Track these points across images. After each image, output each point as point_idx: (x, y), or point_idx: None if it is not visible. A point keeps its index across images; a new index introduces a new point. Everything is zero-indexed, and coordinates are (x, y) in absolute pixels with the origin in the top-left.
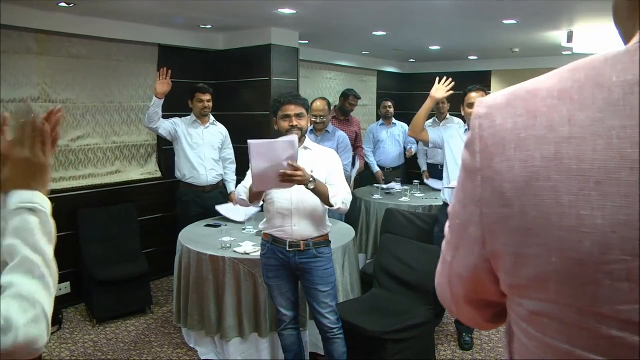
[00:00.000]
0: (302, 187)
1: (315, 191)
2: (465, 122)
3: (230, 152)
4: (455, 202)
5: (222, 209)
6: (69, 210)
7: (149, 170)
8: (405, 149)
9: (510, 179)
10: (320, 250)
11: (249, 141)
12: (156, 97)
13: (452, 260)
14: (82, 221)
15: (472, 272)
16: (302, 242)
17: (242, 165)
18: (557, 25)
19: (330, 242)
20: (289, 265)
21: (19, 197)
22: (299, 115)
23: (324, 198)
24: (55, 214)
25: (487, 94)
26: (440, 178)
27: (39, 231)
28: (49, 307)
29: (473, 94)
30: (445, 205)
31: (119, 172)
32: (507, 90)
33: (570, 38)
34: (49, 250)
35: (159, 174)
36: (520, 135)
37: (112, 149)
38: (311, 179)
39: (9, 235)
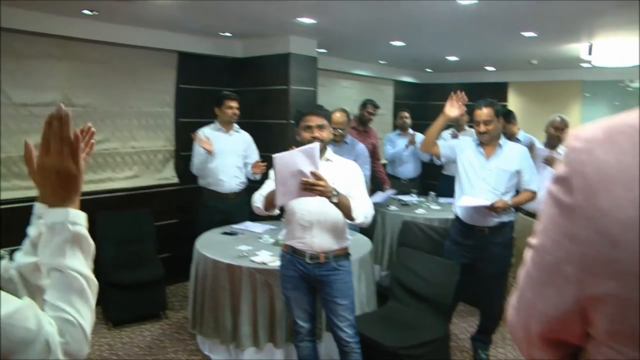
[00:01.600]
0: (324, 199)
1: (338, 205)
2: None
3: (255, 157)
4: (544, 237)
5: (240, 226)
6: (86, 213)
7: (166, 175)
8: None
9: (619, 219)
10: (340, 263)
11: (273, 156)
12: (209, 153)
13: (536, 297)
14: (99, 224)
15: (560, 312)
16: (322, 254)
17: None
18: (576, 38)
19: (350, 254)
20: (308, 277)
21: (54, 216)
22: (320, 127)
23: (346, 211)
24: None
25: (495, 108)
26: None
27: (75, 248)
28: (89, 322)
29: (484, 110)
30: (457, 218)
31: (137, 176)
32: (601, 123)
33: (590, 51)
34: (87, 264)
35: (175, 180)
36: (629, 172)
37: (130, 153)
38: (334, 192)
39: (48, 254)
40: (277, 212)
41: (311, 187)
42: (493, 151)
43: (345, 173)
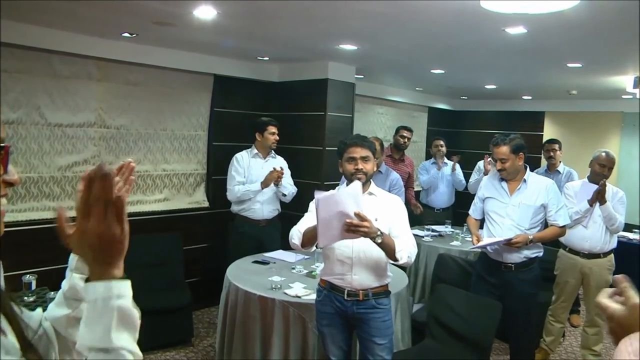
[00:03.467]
0: None
1: (381, 245)
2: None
3: (289, 182)
4: None
5: (272, 254)
6: None
7: (197, 199)
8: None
9: None
10: (380, 301)
11: (316, 196)
12: (262, 186)
13: None
14: (128, 247)
15: None
16: (361, 291)
17: (293, 201)
18: (622, 70)
19: (390, 292)
20: (345, 314)
21: (97, 292)
22: (364, 159)
23: (390, 252)
24: None
25: (512, 145)
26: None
27: (121, 326)
28: None
29: (501, 148)
30: (484, 253)
31: (167, 200)
32: None
33: (637, 84)
34: (134, 338)
35: (206, 204)
36: None
37: (162, 176)
38: (378, 233)
39: (91, 336)
40: (313, 249)
41: (355, 228)
42: (517, 186)
43: (388, 208)
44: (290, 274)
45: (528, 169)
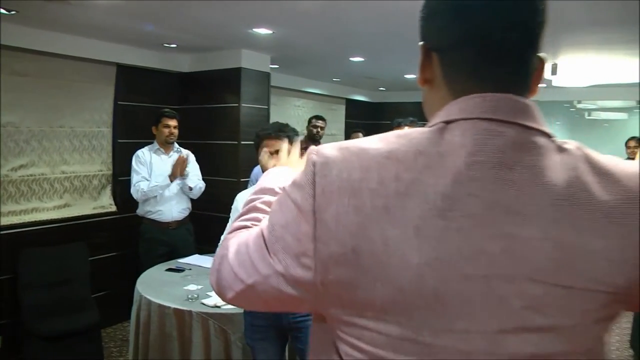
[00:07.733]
0: None
1: None
2: None
3: (196, 174)
4: (282, 230)
5: (188, 260)
6: (8, 250)
7: (103, 203)
8: None
9: (344, 223)
10: None
11: None
12: (170, 179)
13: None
14: (23, 263)
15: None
16: None
17: (207, 200)
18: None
19: None
20: (280, 326)
21: None
22: None
23: None
24: None
25: (417, 127)
26: None
27: None
28: None
29: (405, 130)
30: None
31: (68, 206)
32: (339, 144)
33: (554, 71)
34: None
35: (113, 208)
36: (354, 186)
37: (61, 179)
38: None
39: None
40: None
41: None
42: None
43: None
44: (208, 281)
45: None
